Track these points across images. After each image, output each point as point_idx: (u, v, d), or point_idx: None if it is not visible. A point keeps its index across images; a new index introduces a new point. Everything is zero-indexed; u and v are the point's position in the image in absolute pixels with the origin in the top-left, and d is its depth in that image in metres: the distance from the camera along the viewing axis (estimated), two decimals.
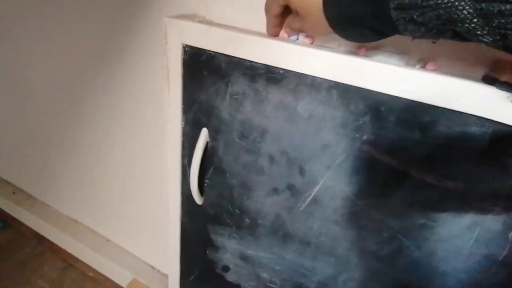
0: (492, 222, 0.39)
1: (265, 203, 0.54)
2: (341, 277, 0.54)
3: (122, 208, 0.82)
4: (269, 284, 0.63)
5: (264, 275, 0.62)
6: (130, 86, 0.59)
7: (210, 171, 0.56)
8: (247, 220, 0.57)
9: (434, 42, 0.33)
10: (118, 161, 0.74)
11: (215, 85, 0.47)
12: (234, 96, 0.46)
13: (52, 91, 0.76)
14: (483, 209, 0.38)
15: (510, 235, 0.38)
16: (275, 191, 0.52)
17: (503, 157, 0.35)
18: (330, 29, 0.34)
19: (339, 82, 0.39)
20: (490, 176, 0.36)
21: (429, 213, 0.42)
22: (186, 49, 0.48)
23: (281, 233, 0.55)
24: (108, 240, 0.94)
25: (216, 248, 0.65)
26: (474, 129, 0.35)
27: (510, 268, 0.40)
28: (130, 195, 0.78)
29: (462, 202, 0.39)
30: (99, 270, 0.93)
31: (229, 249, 0.63)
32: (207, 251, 0.66)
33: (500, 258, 0.40)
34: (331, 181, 0.46)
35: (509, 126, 0.33)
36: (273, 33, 0.43)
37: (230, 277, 0.67)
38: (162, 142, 0.59)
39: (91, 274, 0.94)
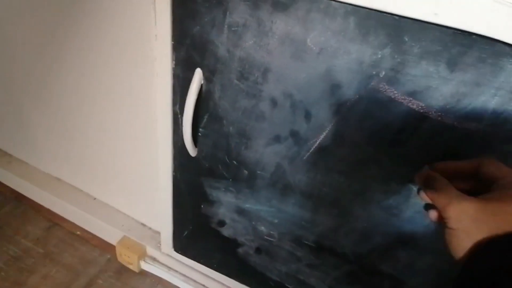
0: None
1: (265, 153, 0.50)
2: (343, 229, 0.52)
3: (108, 163, 0.77)
4: (267, 237, 0.61)
5: (262, 228, 0.60)
6: (110, 20, 0.51)
7: (205, 118, 0.51)
8: (245, 171, 0.54)
9: None
10: (100, 110, 0.67)
11: (210, 15, 0.40)
12: (233, 28, 0.40)
13: (24, 35, 0.66)
14: (506, 153, 0.35)
15: None
16: (277, 139, 0.47)
17: None
18: None
19: (359, 6, 0.33)
20: None
21: (440, 157, 0.39)
22: None
23: (281, 185, 0.52)
24: (95, 199, 0.90)
25: (211, 202, 0.62)
26: (506, 61, 0.31)
27: None
28: (116, 149, 0.72)
29: (484, 145, 0.36)
30: (87, 228, 0.90)
31: (225, 203, 0.60)
32: (202, 206, 0.63)
33: None
34: (340, 126, 0.42)
35: None
36: None
37: (225, 231, 0.65)
38: (150, 87, 0.53)
39: (78, 232, 0.91)
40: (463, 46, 0.32)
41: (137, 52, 0.51)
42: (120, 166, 0.75)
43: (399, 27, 0.33)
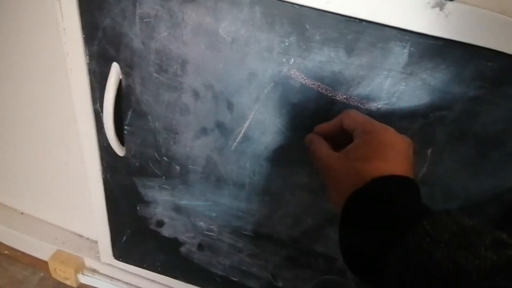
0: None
1: (194, 146, 0.50)
2: (276, 215, 0.54)
3: (33, 173, 0.71)
4: (207, 233, 0.61)
5: (201, 224, 0.60)
6: (14, 16, 0.47)
7: (129, 115, 0.49)
8: (177, 167, 0.53)
9: None
10: (16, 117, 0.62)
11: (119, 5, 0.39)
12: (145, 20, 0.39)
13: None
14: (402, 128, 0.39)
15: (428, 151, 0.40)
16: (204, 131, 0.48)
17: (422, 73, 0.35)
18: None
19: None
20: (408, 94, 0.37)
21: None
22: None
23: (214, 178, 0.52)
24: (22, 213, 0.82)
25: (146, 202, 0.60)
26: (394, 44, 0.35)
27: (429, 186, 0.43)
28: (39, 157, 0.67)
29: (385, 123, 0.39)
30: (16, 246, 0.82)
31: (161, 202, 0.59)
32: (137, 208, 0.61)
33: (420, 176, 0.43)
34: (261, 114, 0.44)
35: (427, 36, 0.33)
36: None
37: (165, 231, 0.63)
38: (66, 86, 0.50)
39: (6, 252, 0.82)
40: (356, 32, 0.35)
41: (51, 48, 0.48)
42: (46, 174, 0.70)
43: (300, 16, 0.35)
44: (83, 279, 0.76)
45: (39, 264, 0.80)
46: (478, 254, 0.22)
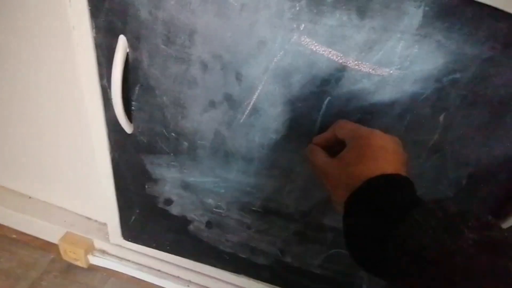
0: (422, 107, 0.40)
1: (202, 120, 0.49)
2: (285, 189, 0.54)
3: (40, 156, 0.71)
4: (215, 210, 0.61)
5: (210, 201, 0.60)
6: None
7: (136, 90, 0.49)
8: (185, 143, 0.53)
9: None
10: (21, 97, 0.61)
11: None
12: None
13: None
14: (415, 94, 0.39)
15: (441, 117, 0.40)
16: (212, 104, 0.47)
17: (436, 34, 0.35)
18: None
19: None
20: (421, 58, 0.37)
21: (364, 106, 0.42)
22: None
23: (222, 153, 0.52)
24: (30, 197, 0.83)
25: (154, 180, 0.60)
26: (408, 3, 0.34)
27: (441, 153, 0.43)
28: (46, 139, 0.67)
29: (395, 90, 0.39)
30: (24, 230, 0.83)
31: (169, 179, 0.59)
32: (146, 186, 0.61)
33: (431, 143, 0.42)
34: (270, 85, 0.43)
35: None
36: None
37: (174, 210, 0.64)
38: (73, 61, 0.49)
39: (14, 236, 0.83)
40: None
41: (56, 24, 0.47)
42: (53, 157, 0.70)
43: None
44: (93, 260, 0.77)
45: (48, 247, 0.81)
46: (461, 236, 0.24)
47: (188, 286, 0.76)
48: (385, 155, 0.32)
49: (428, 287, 0.24)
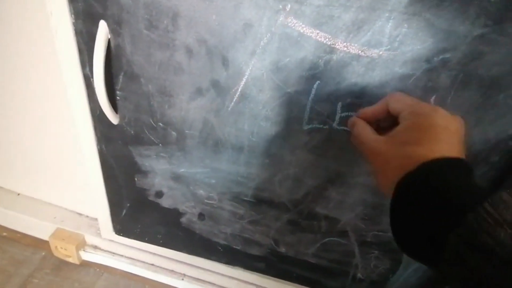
0: (413, 89, 0.39)
1: (189, 109, 0.48)
2: (277, 178, 0.53)
3: (27, 152, 0.69)
4: (207, 201, 0.60)
5: (201, 192, 0.59)
6: None
7: (120, 78, 0.47)
8: (173, 133, 0.52)
9: None
10: (2, 92, 0.59)
11: None
12: None
13: None
14: (405, 75, 0.38)
15: (432, 99, 0.39)
16: (199, 92, 0.46)
17: (425, 12, 0.34)
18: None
19: None
20: (411, 37, 0.36)
21: (353, 89, 0.41)
22: None
23: (211, 142, 0.51)
24: (19, 194, 0.81)
25: (144, 173, 0.59)
26: None
27: None
28: (30, 134, 0.65)
29: (385, 72, 0.38)
30: (14, 228, 0.81)
31: (159, 171, 0.58)
32: (135, 179, 0.60)
33: None
34: (258, 69, 0.42)
35: None
36: None
37: (165, 202, 0.63)
38: (53, 49, 0.47)
39: (4, 233, 0.82)
40: None
41: (34, 12, 0.45)
42: (40, 153, 0.68)
43: None
44: (85, 255, 0.76)
45: (39, 244, 0.80)
46: None
47: (182, 279, 0.75)
48: (448, 137, 0.29)
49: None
